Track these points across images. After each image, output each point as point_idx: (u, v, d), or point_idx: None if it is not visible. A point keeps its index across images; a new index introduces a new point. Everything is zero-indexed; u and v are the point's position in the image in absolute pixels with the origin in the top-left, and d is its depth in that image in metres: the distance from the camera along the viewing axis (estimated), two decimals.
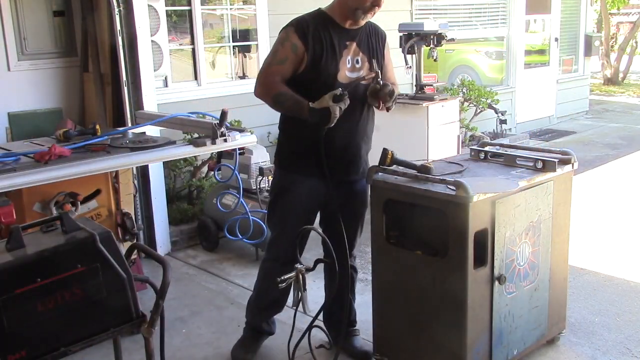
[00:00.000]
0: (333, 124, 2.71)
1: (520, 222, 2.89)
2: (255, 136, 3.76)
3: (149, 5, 4.68)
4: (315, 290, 3.33)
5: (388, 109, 2.90)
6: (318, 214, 3.16)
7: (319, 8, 2.96)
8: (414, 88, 6.06)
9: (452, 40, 6.17)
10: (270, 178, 4.19)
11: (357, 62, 2.93)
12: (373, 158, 3.03)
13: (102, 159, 3.23)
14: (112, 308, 2.11)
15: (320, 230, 2.89)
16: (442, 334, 2.83)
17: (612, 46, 16.33)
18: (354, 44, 2.91)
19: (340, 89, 2.73)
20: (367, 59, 2.94)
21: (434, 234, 2.89)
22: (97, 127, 3.67)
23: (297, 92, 2.82)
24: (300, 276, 2.61)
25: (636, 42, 16.24)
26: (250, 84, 3.00)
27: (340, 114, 2.70)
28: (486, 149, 3.31)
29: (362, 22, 2.91)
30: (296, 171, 2.99)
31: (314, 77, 2.84)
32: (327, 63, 2.84)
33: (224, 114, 3.42)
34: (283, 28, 2.91)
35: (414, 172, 2.87)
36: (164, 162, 4.68)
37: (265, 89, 2.88)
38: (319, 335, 3.14)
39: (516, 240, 2.89)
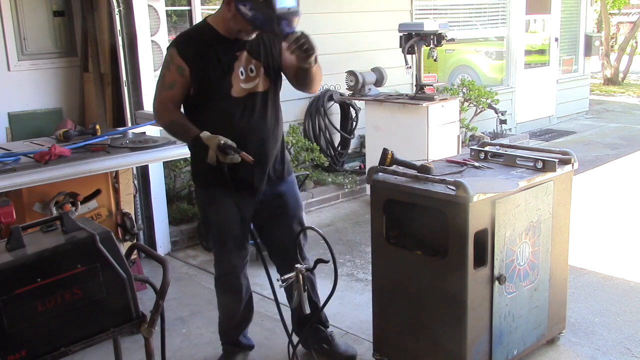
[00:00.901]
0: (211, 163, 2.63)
1: (520, 222, 2.89)
2: None
3: (149, 5, 4.68)
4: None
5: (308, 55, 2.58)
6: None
7: (205, 19, 2.82)
8: (414, 88, 6.06)
9: (452, 40, 6.16)
10: None
11: (252, 70, 2.78)
12: (373, 158, 3.02)
13: (102, 159, 3.23)
14: (112, 308, 2.11)
15: (320, 231, 2.88)
16: (442, 334, 2.83)
17: (612, 46, 16.33)
18: (245, 53, 2.76)
19: (226, 142, 2.58)
20: (263, 64, 2.80)
21: (433, 234, 2.88)
22: (97, 127, 3.68)
23: (196, 112, 2.76)
24: (300, 276, 2.61)
25: (636, 42, 16.24)
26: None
27: (215, 163, 2.61)
28: (486, 149, 3.31)
29: (247, 38, 2.77)
30: (216, 186, 2.85)
31: (206, 97, 2.75)
32: (217, 80, 2.72)
33: None
34: (168, 47, 2.80)
35: (414, 172, 2.87)
36: (164, 162, 4.68)
37: (159, 118, 2.82)
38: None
39: (516, 240, 2.89)
